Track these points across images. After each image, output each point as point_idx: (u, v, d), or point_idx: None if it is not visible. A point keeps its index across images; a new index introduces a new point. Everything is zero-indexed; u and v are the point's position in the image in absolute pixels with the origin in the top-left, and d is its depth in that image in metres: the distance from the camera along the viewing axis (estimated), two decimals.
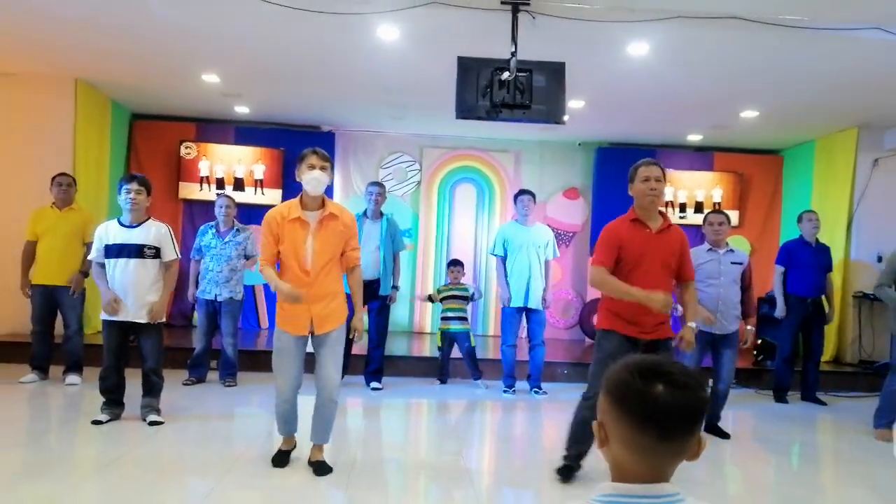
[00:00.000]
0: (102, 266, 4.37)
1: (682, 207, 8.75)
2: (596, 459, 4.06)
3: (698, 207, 8.73)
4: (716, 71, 5.77)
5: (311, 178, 3.47)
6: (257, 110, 8.00)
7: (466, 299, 6.35)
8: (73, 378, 5.50)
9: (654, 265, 3.44)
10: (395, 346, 7.50)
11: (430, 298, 6.58)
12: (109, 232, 4.37)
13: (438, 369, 6.38)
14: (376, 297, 5.77)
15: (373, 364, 5.92)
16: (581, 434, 3.55)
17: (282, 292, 3.41)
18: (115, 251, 4.31)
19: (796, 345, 6.23)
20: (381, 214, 5.91)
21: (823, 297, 6.15)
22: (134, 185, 4.36)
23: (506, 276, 5.87)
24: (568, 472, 3.62)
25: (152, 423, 4.39)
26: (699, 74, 5.89)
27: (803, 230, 6.14)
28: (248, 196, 8.33)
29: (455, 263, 6.60)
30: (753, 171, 8.86)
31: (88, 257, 4.51)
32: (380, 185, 6.01)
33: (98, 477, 3.47)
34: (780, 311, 6.09)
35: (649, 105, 6.98)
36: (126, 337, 4.48)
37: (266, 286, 8.42)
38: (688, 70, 5.79)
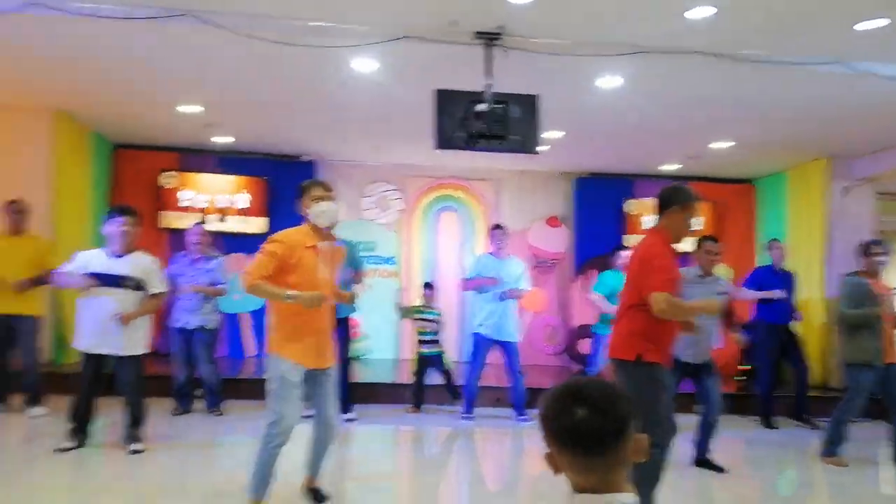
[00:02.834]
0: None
1: None
2: None
3: None
4: (687, 103, 5.94)
5: (321, 211, 3.38)
6: (239, 140, 8.07)
7: (438, 322, 6.42)
8: (37, 410, 5.42)
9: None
10: (374, 373, 7.52)
11: (402, 311, 6.56)
12: (93, 260, 4.40)
13: (413, 395, 6.36)
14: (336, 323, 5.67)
15: (341, 395, 5.79)
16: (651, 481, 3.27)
17: (304, 300, 3.21)
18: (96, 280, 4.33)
19: (776, 371, 6.33)
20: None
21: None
22: (127, 218, 4.41)
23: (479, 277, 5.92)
24: None
25: (134, 452, 4.39)
26: (671, 106, 6.05)
27: (772, 258, 6.29)
28: (232, 225, 8.36)
29: (427, 286, 6.71)
30: (728, 200, 9.04)
31: (58, 269, 4.48)
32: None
33: None
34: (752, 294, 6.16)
35: (624, 136, 7.13)
36: (101, 368, 4.47)
37: (253, 313, 8.38)
38: (659, 102, 5.94)
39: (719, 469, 4.58)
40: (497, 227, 6.14)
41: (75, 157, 7.33)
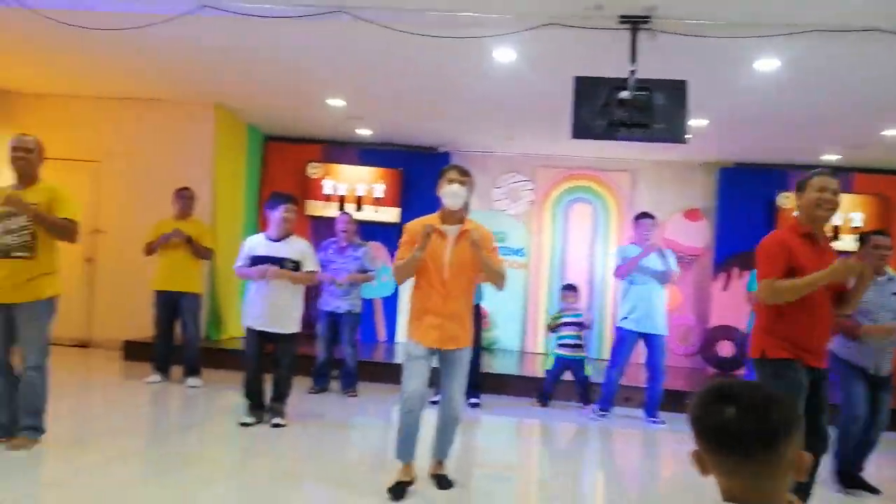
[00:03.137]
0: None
1: None
2: None
3: (835, 233, 8.14)
4: (854, 87, 5.39)
5: (450, 192, 3.49)
6: (378, 132, 8.35)
7: (581, 325, 6.22)
8: (193, 381, 5.90)
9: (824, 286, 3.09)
10: (501, 364, 7.55)
11: (550, 328, 6.39)
12: (256, 244, 4.77)
13: (539, 391, 6.26)
14: None
15: (469, 378, 5.87)
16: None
17: (422, 245, 3.37)
18: (259, 263, 4.68)
19: None
20: None
21: None
22: (290, 205, 4.80)
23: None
24: None
25: (276, 426, 4.67)
26: (836, 91, 5.53)
27: None
28: (367, 214, 8.68)
29: (569, 288, 6.50)
30: None
31: (234, 265, 4.89)
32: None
33: (227, 477, 3.73)
34: None
35: (779, 123, 6.62)
36: (265, 345, 4.80)
37: (385, 300, 8.73)
38: (823, 86, 5.45)
39: (873, 490, 4.13)
40: (644, 215, 5.85)
41: (233, 148, 7.95)
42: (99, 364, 6.76)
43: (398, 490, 3.45)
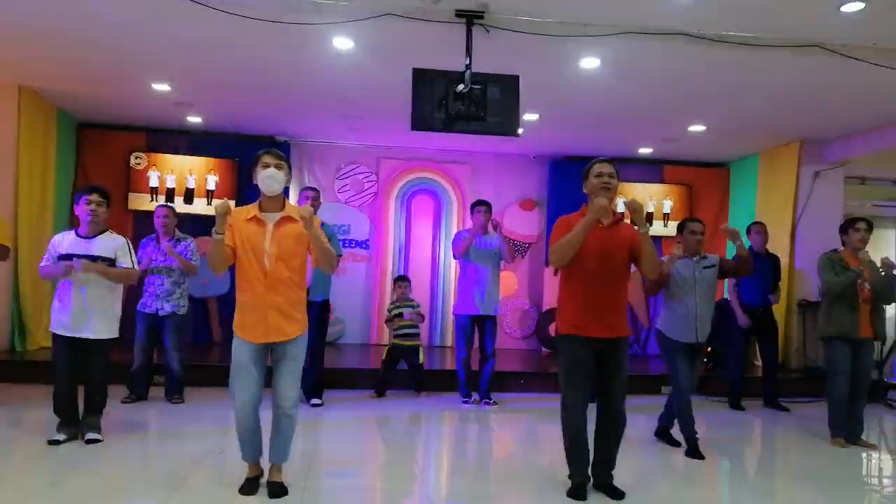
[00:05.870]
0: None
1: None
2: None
3: (648, 218, 8.95)
4: (664, 86, 5.93)
5: (265, 177, 3.34)
6: (211, 120, 7.86)
7: (417, 314, 6.39)
8: None
9: (608, 258, 3.49)
10: (345, 359, 7.53)
11: (387, 321, 6.50)
12: (65, 241, 4.25)
13: (378, 382, 6.30)
14: (309, 307, 5.51)
15: (310, 378, 5.60)
16: (577, 445, 3.53)
17: (219, 227, 3.26)
18: (66, 261, 4.16)
19: (747, 352, 6.44)
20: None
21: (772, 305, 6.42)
22: (94, 197, 4.27)
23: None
24: (581, 489, 3.51)
25: (90, 441, 4.23)
26: (648, 89, 6.04)
27: (752, 241, 6.33)
28: (201, 207, 8.17)
29: (402, 279, 6.65)
30: (701, 183, 9.13)
31: (40, 263, 4.32)
32: (314, 189, 5.75)
33: (39, 499, 3.32)
34: (741, 319, 6.23)
35: (601, 119, 7.12)
36: (78, 354, 4.27)
37: (222, 298, 8.28)
38: (637, 85, 5.92)
39: (677, 443, 4.71)
40: (479, 203, 6.01)
41: (40, 135, 7.08)
42: None
43: (247, 487, 3.46)
